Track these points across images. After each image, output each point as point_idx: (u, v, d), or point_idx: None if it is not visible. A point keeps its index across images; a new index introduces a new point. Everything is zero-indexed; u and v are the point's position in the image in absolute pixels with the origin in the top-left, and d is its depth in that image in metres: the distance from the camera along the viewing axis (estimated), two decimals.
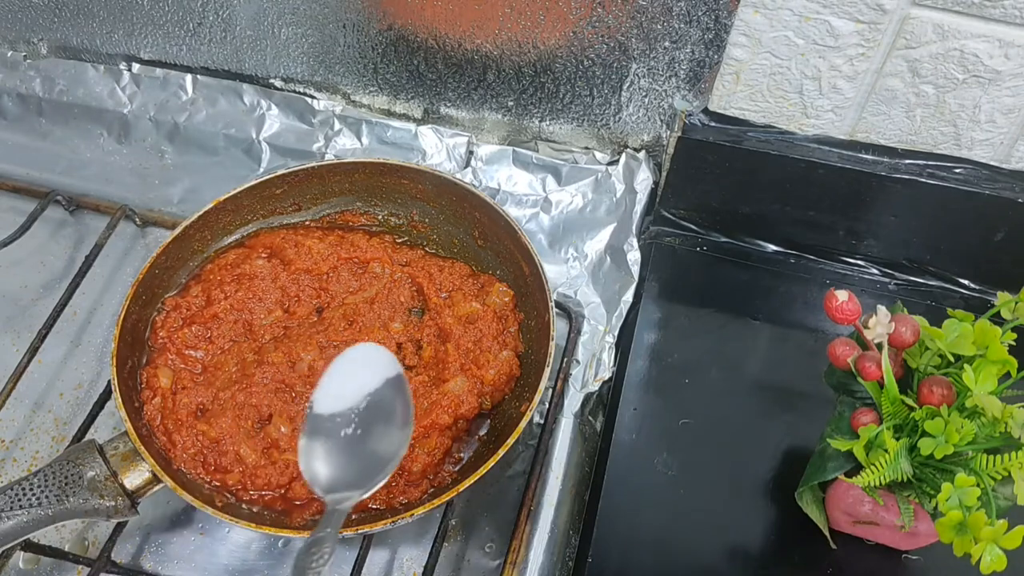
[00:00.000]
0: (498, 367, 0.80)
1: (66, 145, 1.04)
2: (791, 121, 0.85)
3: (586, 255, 0.94)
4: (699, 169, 0.89)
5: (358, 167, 0.89)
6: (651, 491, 0.76)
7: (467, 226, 0.89)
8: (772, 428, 0.80)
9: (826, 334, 0.86)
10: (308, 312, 0.84)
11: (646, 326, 0.87)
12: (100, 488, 0.68)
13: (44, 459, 0.81)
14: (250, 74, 1.02)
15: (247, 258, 0.86)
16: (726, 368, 0.84)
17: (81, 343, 0.89)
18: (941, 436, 0.57)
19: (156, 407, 0.75)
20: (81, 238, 0.97)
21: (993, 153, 0.82)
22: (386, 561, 0.76)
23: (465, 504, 0.79)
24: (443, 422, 0.76)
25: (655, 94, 0.90)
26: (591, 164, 0.97)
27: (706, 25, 0.81)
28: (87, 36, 1.03)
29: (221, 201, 0.85)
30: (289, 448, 0.75)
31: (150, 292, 0.81)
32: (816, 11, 0.75)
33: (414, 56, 0.94)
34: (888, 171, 0.84)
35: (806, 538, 0.72)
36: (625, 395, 0.82)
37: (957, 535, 0.55)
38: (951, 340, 0.61)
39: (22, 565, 0.74)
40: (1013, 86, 0.76)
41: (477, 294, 0.85)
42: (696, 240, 0.95)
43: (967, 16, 0.72)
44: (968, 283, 0.91)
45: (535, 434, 0.82)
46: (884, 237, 0.90)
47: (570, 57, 0.88)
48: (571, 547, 0.78)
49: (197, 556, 0.76)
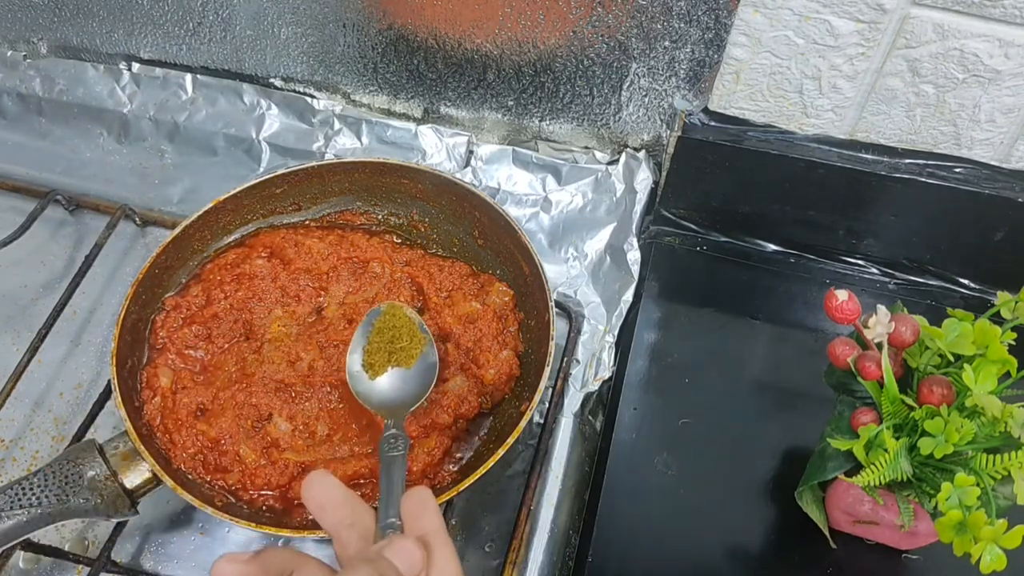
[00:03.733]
0: (498, 367, 0.80)
1: (66, 145, 1.04)
2: (791, 121, 0.85)
3: (586, 255, 0.94)
4: (699, 169, 0.89)
5: (358, 167, 0.89)
6: (651, 491, 0.76)
7: (467, 226, 0.89)
8: (772, 428, 0.80)
9: (826, 334, 0.86)
10: (308, 312, 0.84)
11: (646, 326, 0.87)
12: (100, 488, 0.68)
13: (44, 459, 0.81)
14: (250, 74, 1.02)
15: (247, 258, 0.86)
16: (726, 368, 0.84)
17: (81, 343, 0.89)
18: (941, 436, 0.57)
19: (156, 407, 0.75)
20: (81, 238, 0.97)
21: (993, 153, 0.82)
22: None
23: (465, 504, 0.79)
24: (443, 422, 0.76)
25: (655, 94, 0.90)
26: (591, 164, 0.97)
27: (706, 24, 0.81)
28: (87, 36, 1.03)
29: (221, 201, 0.85)
30: (289, 448, 0.75)
31: (150, 292, 0.81)
32: (816, 11, 0.75)
33: (414, 56, 0.94)
34: (888, 171, 0.84)
35: (806, 538, 0.72)
36: (625, 395, 0.82)
37: (957, 535, 0.55)
38: (951, 340, 0.61)
39: (22, 565, 0.74)
40: (1013, 85, 0.76)
41: (477, 294, 0.85)
42: (696, 240, 0.95)
43: (967, 16, 0.72)
44: (968, 283, 0.91)
45: (535, 434, 0.82)
46: (884, 237, 0.90)
47: (570, 56, 0.88)
48: (571, 547, 0.78)
49: (197, 556, 0.76)
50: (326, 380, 0.78)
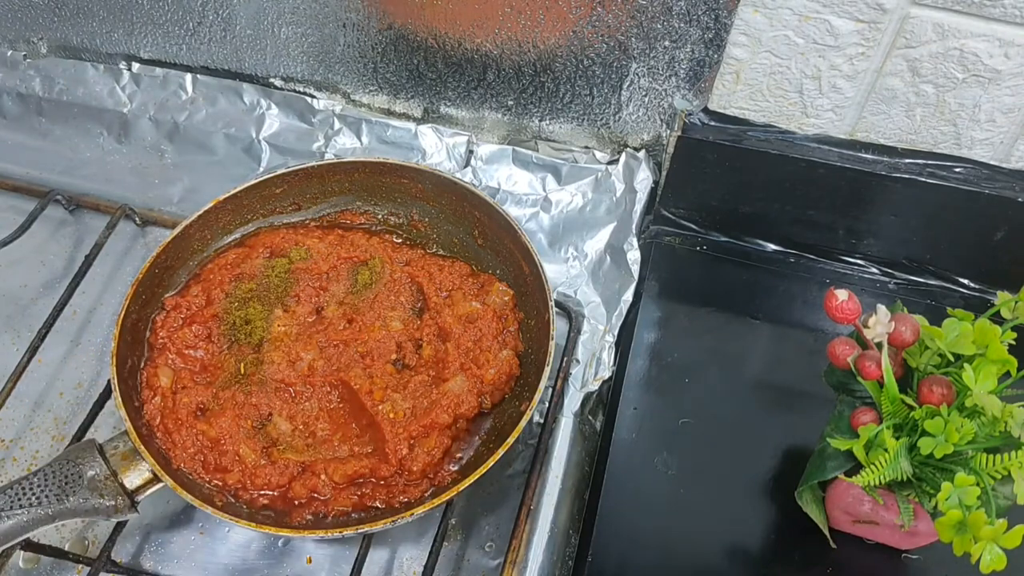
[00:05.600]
0: (498, 366, 0.80)
1: (66, 144, 1.04)
2: (791, 120, 0.85)
3: (586, 254, 0.94)
4: (699, 168, 0.89)
5: (358, 166, 0.89)
6: (651, 491, 0.76)
7: (467, 225, 0.89)
8: (772, 428, 0.80)
9: (826, 333, 0.86)
10: (308, 312, 0.83)
11: (646, 325, 0.87)
12: (100, 487, 0.68)
13: (44, 458, 0.81)
14: (250, 73, 1.02)
15: (247, 258, 0.86)
16: (726, 368, 0.84)
17: (81, 342, 0.89)
18: (941, 435, 0.57)
19: (156, 406, 0.75)
20: (81, 237, 0.97)
21: (993, 152, 0.82)
22: (386, 560, 0.76)
23: (465, 504, 0.79)
24: (443, 421, 0.76)
25: (655, 93, 0.90)
26: (591, 163, 0.97)
27: (706, 24, 0.81)
28: (87, 35, 1.03)
29: (221, 200, 0.85)
30: (289, 448, 0.75)
31: (150, 291, 0.81)
32: (816, 10, 0.75)
33: (414, 55, 0.94)
34: (888, 170, 0.84)
35: (806, 537, 0.72)
36: (625, 394, 0.82)
37: (957, 534, 0.55)
38: (951, 339, 0.61)
39: (22, 564, 0.74)
40: (1013, 85, 0.76)
41: (477, 293, 0.85)
42: (696, 239, 0.95)
43: (967, 15, 0.72)
44: (968, 282, 0.91)
45: (535, 433, 0.82)
46: (884, 236, 0.90)
47: (570, 56, 0.88)
48: (571, 546, 0.78)
49: (197, 555, 0.76)
50: (326, 380, 0.78)
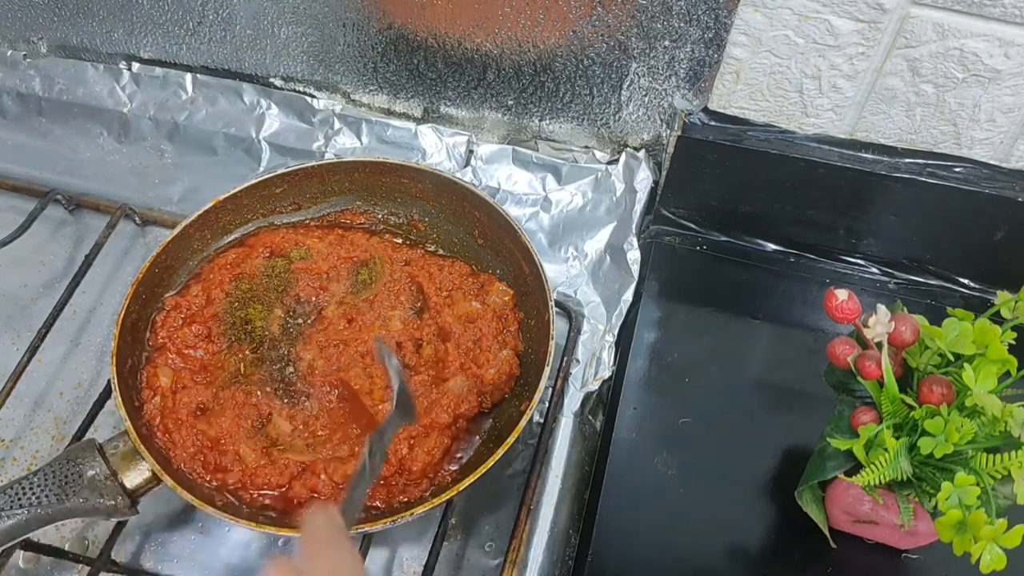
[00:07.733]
0: (498, 366, 0.80)
1: (66, 144, 1.04)
2: (791, 120, 0.85)
3: (586, 254, 0.94)
4: (699, 168, 0.89)
5: (358, 166, 0.89)
6: (651, 490, 0.76)
7: (467, 225, 0.89)
8: (772, 427, 0.80)
9: (826, 333, 0.86)
10: (308, 312, 0.83)
11: (646, 325, 0.87)
12: (100, 487, 0.68)
13: (44, 458, 0.81)
14: (250, 73, 1.02)
15: (247, 257, 0.86)
16: (726, 367, 0.84)
17: (81, 342, 0.89)
18: (941, 435, 0.57)
19: (156, 406, 0.75)
20: (81, 237, 0.97)
21: (993, 152, 0.82)
22: (386, 560, 0.76)
23: (465, 503, 0.79)
24: (443, 421, 0.75)
25: (655, 93, 0.89)
26: (591, 163, 0.97)
27: (706, 24, 0.81)
28: (87, 35, 1.03)
29: (221, 200, 0.85)
30: (289, 448, 0.75)
31: (150, 291, 0.81)
32: (816, 10, 0.75)
33: (414, 55, 0.94)
34: (888, 170, 0.84)
35: (806, 537, 0.72)
36: (625, 394, 0.82)
37: (957, 534, 0.55)
38: (951, 339, 0.61)
39: (22, 564, 0.74)
40: (1013, 85, 0.76)
41: (477, 293, 0.85)
42: (696, 239, 0.95)
43: (967, 15, 0.72)
44: (968, 282, 0.91)
45: (535, 433, 0.82)
46: (884, 236, 0.90)
47: (570, 56, 0.88)
48: (571, 546, 0.78)
49: (197, 555, 0.76)
50: (326, 380, 0.78)
